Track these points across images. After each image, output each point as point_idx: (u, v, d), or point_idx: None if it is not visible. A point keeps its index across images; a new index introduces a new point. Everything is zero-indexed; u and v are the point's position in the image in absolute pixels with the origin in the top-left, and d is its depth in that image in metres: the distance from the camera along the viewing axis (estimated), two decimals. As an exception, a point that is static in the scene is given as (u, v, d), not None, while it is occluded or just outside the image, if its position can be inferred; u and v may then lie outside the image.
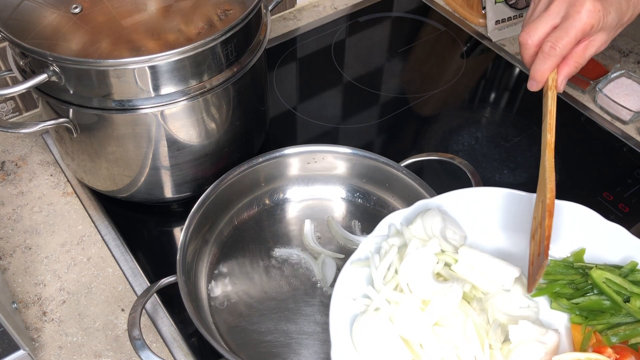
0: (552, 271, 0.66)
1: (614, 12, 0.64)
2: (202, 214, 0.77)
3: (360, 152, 0.83)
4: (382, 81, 1.11)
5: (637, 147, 0.99)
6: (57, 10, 0.75)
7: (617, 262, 0.66)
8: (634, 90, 1.03)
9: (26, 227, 0.88)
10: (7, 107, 0.99)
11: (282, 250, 0.82)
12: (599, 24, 0.64)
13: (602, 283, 0.62)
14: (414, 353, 0.59)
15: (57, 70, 0.70)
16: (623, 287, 0.62)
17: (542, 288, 0.65)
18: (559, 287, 0.64)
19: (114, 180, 0.84)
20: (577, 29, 0.63)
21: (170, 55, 0.69)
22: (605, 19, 0.64)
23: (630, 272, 0.64)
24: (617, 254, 0.66)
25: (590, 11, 0.62)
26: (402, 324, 0.59)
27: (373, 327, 0.59)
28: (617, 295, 0.62)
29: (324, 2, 1.27)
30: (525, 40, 0.66)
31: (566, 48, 0.64)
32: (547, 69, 0.65)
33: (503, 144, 1.00)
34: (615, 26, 0.66)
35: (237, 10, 0.76)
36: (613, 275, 0.62)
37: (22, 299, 0.80)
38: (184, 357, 0.75)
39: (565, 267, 0.66)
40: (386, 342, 0.59)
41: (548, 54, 0.64)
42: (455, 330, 0.59)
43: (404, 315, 0.59)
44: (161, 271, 0.77)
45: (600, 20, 0.63)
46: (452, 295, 0.59)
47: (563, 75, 0.66)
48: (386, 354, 0.59)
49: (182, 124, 0.77)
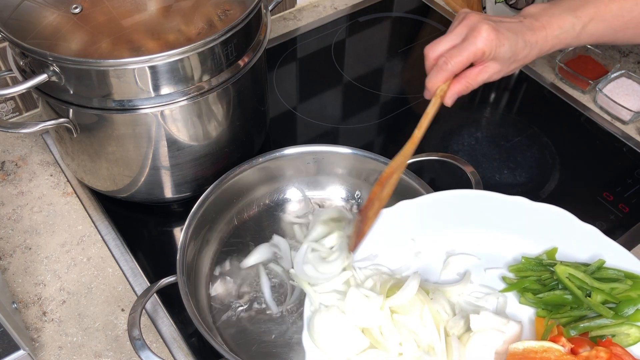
0: (523, 268, 0.69)
1: (507, 46, 0.71)
2: (202, 214, 0.77)
3: (360, 152, 0.83)
4: (382, 81, 1.11)
5: (637, 147, 0.99)
6: (57, 10, 0.75)
7: (587, 260, 0.69)
8: (634, 90, 1.03)
9: (26, 227, 0.88)
10: (7, 107, 0.99)
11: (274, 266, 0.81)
12: (491, 53, 0.70)
13: (565, 278, 0.65)
14: (374, 340, 0.62)
15: (57, 70, 0.70)
16: (584, 282, 0.65)
17: (512, 283, 0.69)
18: (528, 283, 0.68)
19: (114, 180, 0.84)
20: (470, 51, 0.70)
21: (170, 55, 0.69)
22: (498, 49, 0.70)
23: (597, 269, 0.67)
24: (589, 253, 0.69)
25: (484, 38, 0.69)
26: (354, 315, 0.62)
27: (327, 321, 0.62)
28: (579, 290, 0.65)
29: (324, 2, 1.27)
30: (427, 53, 0.74)
31: (457, 66, 0.71)
32: (438, 81, 0.72)
33: (503, 144, 1.00)
34: (509, 59, 0.72)
35: (237, 10, 0.76)
36: (576, 271, 0.66)
37: (22, 299, 0.80)
38: (184, 357, 0.75)
39: (535, 264, 0.69)
40: (343, 333, 0.62)
41: (441, 67, 0.71)
42: (413, 317, 0.63)
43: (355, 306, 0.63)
44: (161, 271, 0.77)
45: (492, 49, 0.70)
46: (410, 285, 0.63)
47: (453, 91, 0.73)
48: (344, 344, 0.61)
49: (182, 124, 0.77)
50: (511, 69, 0.75)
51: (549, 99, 1.07)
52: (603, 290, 0.65)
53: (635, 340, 0.62)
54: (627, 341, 0.62)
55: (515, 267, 0.70)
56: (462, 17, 0.73)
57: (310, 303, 0.65)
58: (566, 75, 1.08)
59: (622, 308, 0.64)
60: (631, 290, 0.64)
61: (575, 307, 0.65)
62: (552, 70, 1.12)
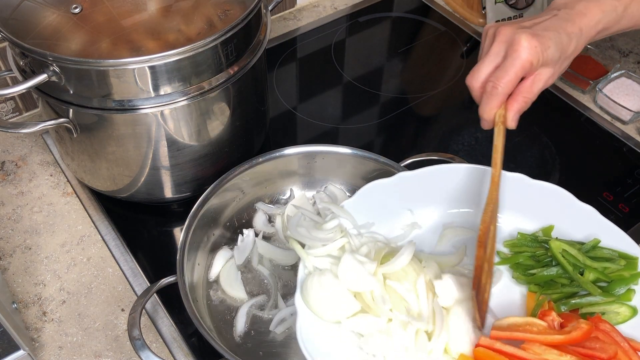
0: (518, 243, 0.70)
1: (553, 47, 0.66)
2: (202, 214, 0.77)
3: (360, 152, 0.83)
4: (382, 81, 1.11)
5: (637, 147, 0.99)
6: (57, 10, 0.75)
7: (583, 240, 0.69)
8: (634, 90, 1.03)
9: (26, 227, 0.88)
10: (7, 107, 0.99)
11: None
12: (539, 60, 0.65)
13: (558, 254, 0.66)
14: (365, 304, 0.63)
15: (57, 70, 0.70)
16: (577, 259, 0.66)
17: (506, 257, 0.69)
18: (522, 258, 0.68)
19: (114, 180, 0.84)
20: (517, 67, 0.65)
21: (170, 55, 0.69)
22: (545, 54, 0.65)
23: (592, 248, 0.67)
24: (585, 233, 0.69)
25: (527, 48, 0.64)
26: (347, 279, 0.63)
27: (320, 284, 0.63)
28: (571, 266, 0.65)
29: (324, 2, 1.27)
30: (469, 83, 0.69)
31: (507, 87, 0.66)
32: (493, 107, 0.67)
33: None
34: (559, 59, 0.68)
35: (237, 10, 0.76)
36: (570, 248, 0.66)
37: (22, 299, 0.80)
38: (184, 357, 0.75)
39: (531, 240, 0.70)
40: (335, 296, 0.62)
41: (491, 93, 0.66)
42: (405, 285, 0.64)
43: (348, 270, 0.63)
44: (161, 271, 0.77)
45: (539, 56, 0.65)
46: (404, 254, 0.65)
47: (513, 111, 0.68)
48: (336, 307, 0.62)
49: (182, 124, 0.77)
50: (564, 67, 0.70)
51: (549, 99, 1.07)
52: (595, 268, 0.65)
53: (624, 318, 0.64)
54: (617, 319, 0.64)
55: (510, 242, 0.70)
56: (492, 32, 0.68)
57: (304, 266, 0.65)
58: (566, 75, 1.08)
59: (613, 287, 0.65)
60: (624, 270, 0.66)
61: (567, 284, 0.66)
62: (552, 70, 1.12)
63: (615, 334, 0.60)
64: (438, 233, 0.72)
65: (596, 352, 0.57)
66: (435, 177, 0.72)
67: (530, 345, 0.58)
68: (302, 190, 0.88)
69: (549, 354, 0.57)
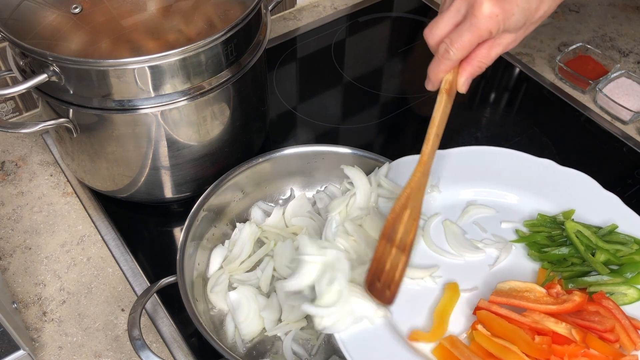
0: (537, 223, 0.72)
1: (518, 14, 0.60)
2: (202, 214, 0.77)
3: (360, 152, 0.83)
4: (382, 81, 1.11)
5: (637, 147, 0.99)
6: (57, 10, 0.75)
7: (601, 225, 0.71)
8: (634, 90, 1.03)
9: (26, 227, 0.88)
10: (7, 107, 0.99)
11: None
12: (499, 29, 0.60)
13: (572, 234, 0.68)
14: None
15: (57, 70, 0.70)
16: (590, 240, 0.68)
17: (524, 236, 0.72)
18: (539, 237, 0.71)
19: (114, 180, 0.84)
20: (473, 34, 0.60)
21: (170, 55, 0.69)
22: (507, 22, 0.60)
23: (608, 233, 0.70)
24: (605, 218, 0.71)
25: (486, 17, 0.58)
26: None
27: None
28: (583, 246, 0.68)
29: (324, 2, 1.27)
30: (427, 37, 0.63)
31: (460, 52, 0.61)
32: (441, 70, 0.63)
33: (503, 144, 0.99)
34: (524, 25, 0.62)
35: (237, 10, 0.76)
36: (585, 229, 0.69)
37: (22, 299, 0.80)
38: (184, 357, 0.75)
39: (550, 221, 0.72)
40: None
41: (442, 56, 0.61)
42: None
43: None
44: (161, 271, 0.77)
45: (499, 25, 0.59)
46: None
47: (465, 76, 0.63)
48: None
49: (182, 124, 0.77)
50: (530, 31, 0.64)
51: (549, 99, 1.07)
52: (607, 250, 0.67)
53: (631, 300, 0.65)
54: (624, 300, 0.65)
55: (530, 222, 0.72)
56: None
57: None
58: (566, 75, 1.08)
59: (624, 270, 0.67)
60: (636, 254, 0.67)
61: (578, 263, 0.68)
62: (552, 70, 1.12)
63: (617, 311, 0.62)
64: (461, 208, 0.75)
65: (594, 324, 0.60)
66: (466, 157, 0.77)
67: (530, 313, 0.61)
68: (302, 190, 0.88)
69: (546, 321, 0.60)
